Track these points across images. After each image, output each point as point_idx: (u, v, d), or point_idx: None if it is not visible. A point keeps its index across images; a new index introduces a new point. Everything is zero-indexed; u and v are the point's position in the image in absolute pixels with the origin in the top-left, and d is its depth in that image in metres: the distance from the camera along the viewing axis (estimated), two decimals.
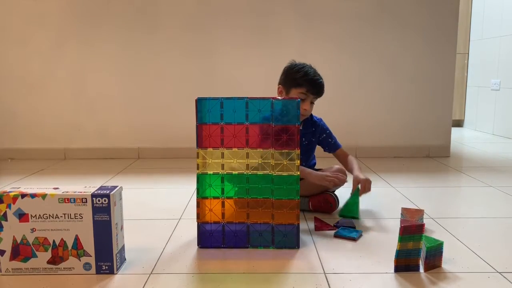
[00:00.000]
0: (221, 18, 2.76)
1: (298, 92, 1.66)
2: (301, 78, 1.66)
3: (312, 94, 1.67)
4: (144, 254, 1.30)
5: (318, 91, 1.67)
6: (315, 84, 1.66)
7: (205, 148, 1.33)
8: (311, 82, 1.66)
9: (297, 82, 1.67)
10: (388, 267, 1.21)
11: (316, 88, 1.66)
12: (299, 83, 1.66)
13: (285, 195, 1.33)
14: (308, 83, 1.65)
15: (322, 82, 1.69)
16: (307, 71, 1.67)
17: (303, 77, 1.66)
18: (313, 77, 1.66)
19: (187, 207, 1.76)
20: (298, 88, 1.67)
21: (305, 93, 1.66)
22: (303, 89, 1.66)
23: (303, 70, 1.68)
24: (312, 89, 1.66)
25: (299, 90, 1.66)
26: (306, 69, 1.68)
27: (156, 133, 2.84)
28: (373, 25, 2.77)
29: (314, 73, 1.68)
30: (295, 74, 1.68)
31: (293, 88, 1.68)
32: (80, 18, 2.74)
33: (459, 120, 4.29)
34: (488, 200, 1.90)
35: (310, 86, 1.65)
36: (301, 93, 1.66)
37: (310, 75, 1.66)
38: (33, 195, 1.14)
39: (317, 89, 1.67)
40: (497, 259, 1.27)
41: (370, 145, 2.85)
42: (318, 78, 1.67)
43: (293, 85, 1.68)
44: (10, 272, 1.17)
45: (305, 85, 1.65)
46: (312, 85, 1.66)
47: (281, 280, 1.15)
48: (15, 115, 2.81)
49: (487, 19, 3.94)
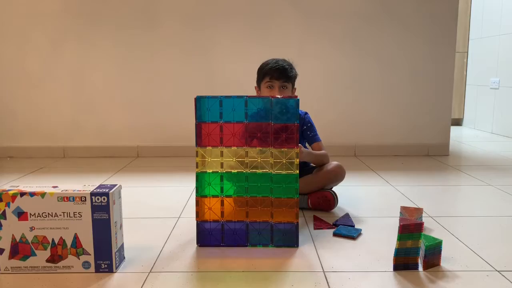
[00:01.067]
0: (220, 17, 2.75)
1: (265, 83, 1.71)
2: (262, 70, 1.73)
3: (276, 79, 1.69)
4: (143, 253, 1.30)
5: (280, 74, 1.69)
6: (275, 69, 1.69)
7: (204, 147, 1.33)
8: (271, 68, 1.70)
9: (261, 75, 1.73)
10: (387, 265, 1.21)
11: (276, 72, 1.68)
12: (263, 75, 1.73)
13: (284, 194, 1.33)
14: (268, 70, 1.70)
15: (282, 65, 1.70)
16: (267, 62, 1.73)
17: (264, 67, 1.73)
18: (273, 65, 1.71)
19: (186, 206, 1.76)
20: (264, 80, 1.72)
21: (270, 80, 1.70)
22: (267, 77, 1.70)
23: (264, 63, 1.75)
24: (274, 73, 1.69)
25: (265, 81, 1.71)
26: (267, 61, 1.74)
27: (155, 131, 2.84)
28: (373, 24, 2.77)
29: (275, 61, 1.72)
30: (260, 70, 1.76)
31: (261, 83, 1.74)
32: (79, 16, 2.74)
33: (458, 118, 4.29)
34: (487, 198, 1.90)
35: (271, 72, 1.69)
36: (267, 82, 1.71)
37: (269, 64, 1.72)
38: (32, 193, 1.13)
39: (278, 73, 1.69)
40: (495, 257, 1.27)
41: (369, 143, 2.85)
42: (277, 63, 1.70)
43: (260, 80, 1.75)
44: (9, 270, 1.17)
45: (267, 74, 1.70)
46: (273, 70, 1.69)
47: (280, 278, 1.16)
48: (14, 113, 2.81)
49: (487, 18, 3.94)
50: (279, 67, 1.69)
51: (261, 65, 1.76)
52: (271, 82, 1.70)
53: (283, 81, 1.70)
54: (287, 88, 1.73)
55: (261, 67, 1.76)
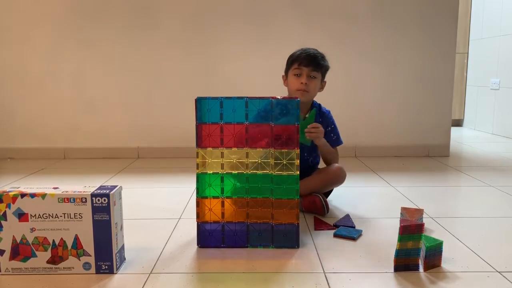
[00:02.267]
0: (221, 17, 2.75)
1: (293, 70, 1.66)
2: (292, 57, 1.68)
3: (305, 66, 1.64)
4: (144, 254, 1.30)
5: (309, 61, 1.64)
6: (305, 55, 1.64)
7: (205, 148, 1.33)
8: (301, 54, 1.65)
9: (290, 62, 1.68)
10: (388, 266, 1.21)
11: (306, 59, 1.63)
12: (291, 62, 1.68)
13: (285, 195, 1.33)
14: (298, 57, 1.65)
15: (314, 53, 1.66)
16: (299, 50, 1.68)
17: (294, 54, 1.68)
18: (303, 51, 1.66)
19: (187, 207, 1.76)
20: (292, 67, 1.67)
21: (298, 67, 1.65)
22: (295, 64, 1.65)
23: (297, 51, 1.69)
24: (303, 60, 1.63)
25: (293, 67, 1.66)
26: (299, 49, 1.69)
27: (156, 132, 2.84)
28: (373, 25, 2.77)
29: (305, 49, 1.68)
30: (290, 57, 1.70)
31: (289, 71, 1.69)
32: (79, 17, 2.74)
33: (458, 119, 4.29)
34: (488, 199, 1.90)
35: (301, 58, 1.64)
36: (295, 69, 1.65)
37: (300, 51, 1.67)
38: (32, 194, 1.13)
39: (308, 60, 1.63)
40: (496, 258, 1.27)
41: (369, 144, 2.85)
42: (308, 51, 1.66)
43: (289, 68, 1.69)
44: (9, 271, 1.17)
45: (296, 60, 1.65)
46: (302, 57, 1.64)
47: (281, 279, 1.16)
48: (14, 114, 2.81)
49: (487, 18, 3.94)
50: (310, 54, 1.64)
51: (293, 53, 1.71)
52: (299, 69, 1.64)
53: (312, 69, 1.64)
54: (316, 78, 1.67)
55: (290, 55, 1.70)
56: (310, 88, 1.66)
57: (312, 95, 1.71)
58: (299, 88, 1.64)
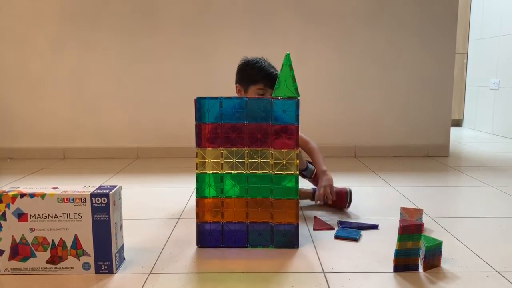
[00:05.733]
0: (220, 18, 2.75)
1: (256, 89, 1.65)
2: (257, 75, 1.65)
3: (270, 87, 1.62)
4: (143, 254, 1.30)
5: (273, 83, 1.58)
6: (271, 77, 1.63)
7: (204, 148, 1.33)
8: (267, 76, 1.64)
9: (253, 79, 1.65)
10: (387, 266, 1.21)
11: (272, 81, 1.60)
12: (255, 80, 1.65)
13: (284, 195, 1.33)
14: (264, 78, 1.64)
15: (277, 74, 1.63)
16: (261, 66, 1.66)
17: (259, 73, 1.65)
18: (268, 71, 1.64)
19: (186, 207, 1.76)
20: (255, 85, 1.65)
21: (263, 88, 1.64)
22: (261, 85, 1.64)
23: (257, 65, 1.66)
24: (269, 82, 1.62)
25: (257, 87, 1.64)
26: (259, 64, 1.66)
27: (156, 132, 2.84)
28: (372, 25, 2.77)
29: (268, 66, 1.66)
30: (250, 71, 1.67)
31: (251, 86, 1.66)
32: (79, 18, 2.74)
33: (458, 119, 4.29)
34: (487, 199, 1.90)
35: (267, 80, 1.63)
36: (259, 89, 1.64)
37: (264, 70, 1.65)
38: (32, 194, 1.13)
39: (273, 82, 1.58)
40: (496, 258, 1.27)
41: (369, 144, 2.85)
42: (272, 71, 1.65)
43: (250, 83, 1.66)
44: (9, 271, 1.17)
45: (261, 81, 1.64)
46: (268, 79, 1.63)
47: (280, 279, 1.15)
48: (14, 114, 2.81)
49: (486, 18, 3.94)
50: (276, 76, 1.62)
51: (251, 65, 1.67)
52: (264, 90, 1.64)
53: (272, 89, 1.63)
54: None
55: (252, 69, 1.66)
56: None
57: None
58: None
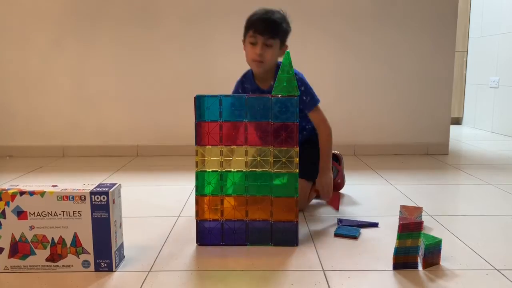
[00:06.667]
0: (220, 15, 2.75)
1: (249, 37, 1.47)
2: (248, 20, 1.49)
3: (260, 34, 1.44)
4: (143, 252, 1.30)
5: (265, 28, 1.44)
6: (260, 21, 1.44)
7: (204, 146, 1.33)
8: (256, 20, 1.46)
9: (246, 26, 1.49)
10: (387, 264, 1.21)
11: (262, 24, 1.43)
12: (247, 26, 1.49)
13: (284, 193, 1.33)
14: (253, 22, 1.46)
15: (270, 17, 1.45)
16: (256, 11, 1.48)
17: (251, 17, 1.48)
18: (260, 15, 1.46)
19: (186, 205, 1.76)
20: (248, 33, 1.48)
21: (253, 35, 1.46)
22: (251, 31, 1.46)
23: (254, 12, 1.49)
24: (258, 26, 1.44)
25: (249, 35, 1.47)
26: (256, 11, 1.49)
27: (155, 130, 2.84)
28: (372, 23, 2.77)
29: (264, 11, 1.48)
30: (247, 20, 1.51)
31: (246, 38, 1.50)
32: (78, 16, 2.73)
33: (458, 117, 4.29)
34: (487, 197, 1.90)
35: (256, 23, 1.45)
36: (251, 37, 1.47)
37: (257, 14, 1.47)
38: (31, 192, 1.13)
39: (263, 27, 1.43)
40: (495, 256, 1.27)
41: (369, 142, 2.85)
42: (265, 15, 1.46)
43: (245, 33, 1.50)
44: (8, 269, 1.17)
45: (251, 26, 1.46)
46: (258, 23, 1.45)
47: (280, 277, 1.16)
48: (13, 112, 2.81)
49: (486, 16, 3.94)
50: (266, 19, 1.44)
51: (250, 14, 1.51)
52: (254, 38, 1.45)
53: (268, 37, 1.46)
54: (272, 47, 1.48)
55: (249, 17, 1.50)
56: (266, 59, 1.50)
57: (270, 64, 1.54)
58: (255, 59, 1.48)
